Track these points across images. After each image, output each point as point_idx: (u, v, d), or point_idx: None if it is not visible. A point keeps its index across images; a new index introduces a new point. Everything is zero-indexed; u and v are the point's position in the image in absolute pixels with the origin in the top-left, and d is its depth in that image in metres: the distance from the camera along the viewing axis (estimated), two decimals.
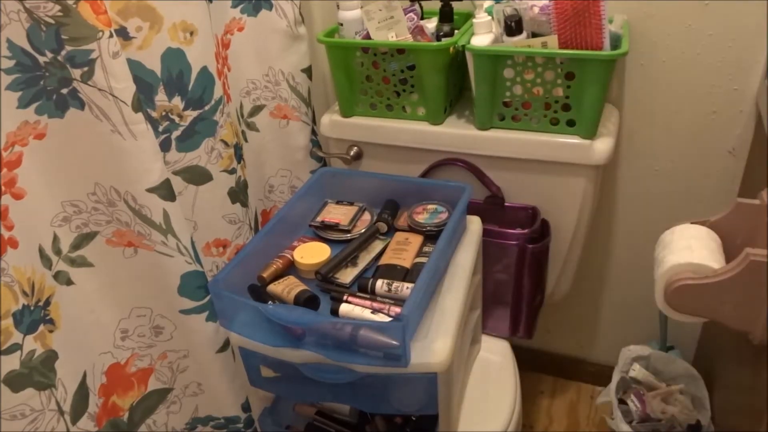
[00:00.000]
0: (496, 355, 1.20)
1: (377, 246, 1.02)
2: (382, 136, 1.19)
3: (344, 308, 0.87)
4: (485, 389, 1.12)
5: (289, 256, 0.99)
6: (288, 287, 0.93)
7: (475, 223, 1.07)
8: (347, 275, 0.96)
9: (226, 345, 1.04)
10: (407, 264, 0.96)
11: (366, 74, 1.14)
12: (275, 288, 0.94)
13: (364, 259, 0.99)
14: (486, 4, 1.08)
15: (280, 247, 1.02)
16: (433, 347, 0.84)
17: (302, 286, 0.93)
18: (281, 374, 0.92)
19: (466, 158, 1.15)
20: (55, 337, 0.85)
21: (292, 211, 1.05)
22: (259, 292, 0.94)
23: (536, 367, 1.67)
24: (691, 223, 0.83)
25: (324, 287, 0.94)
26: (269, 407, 1.06)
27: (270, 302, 0.91)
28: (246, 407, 1.13)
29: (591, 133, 1.05)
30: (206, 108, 0.96)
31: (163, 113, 0.92)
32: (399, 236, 1.03)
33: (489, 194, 1.18)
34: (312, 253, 0.98)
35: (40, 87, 0.79)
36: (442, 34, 1.14)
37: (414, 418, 1.02)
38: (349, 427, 1.04)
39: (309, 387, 0.90)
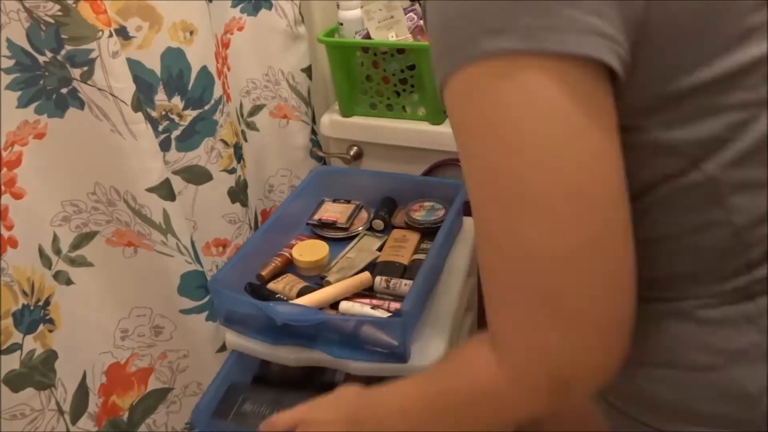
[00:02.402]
0: None
1: (375, 243, 1.02)
2: (382, 135, 1.19)
3: (344, 305, 0.87)
4: None
5: (287, 255, 0.99)
6: (289, 284, 0.93)
7: (470, 225, 1.07)
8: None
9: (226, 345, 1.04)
10: (405, 261, 0.96)
11: (366, 74, 1.14)
12: (275, 286, 0.94)
13: (363, 257, 0.99)
14: None
15: (278, 246, 1.02)
16: (427, 349, 0.83)
17: (303, 283, 0.93)
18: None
19: None
20: (54, 336, 0.85)
21: (289, 210, 1.05)
22: (258, 290, 0.94)
23: None
24: None
25: (323, 285, 0.94)
26: None
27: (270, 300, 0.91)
28: None
29: None
30: (206, 107, 0.96)
31: (163, 113, 0.92)
32: (396, 233, 1.03)
33: None
34: (310, 251, 0.98)
35: (40, 86, 0.79)
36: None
37: None
38: None
39: None
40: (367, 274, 0.92)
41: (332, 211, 1.09)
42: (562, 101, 0.38)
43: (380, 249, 1.00)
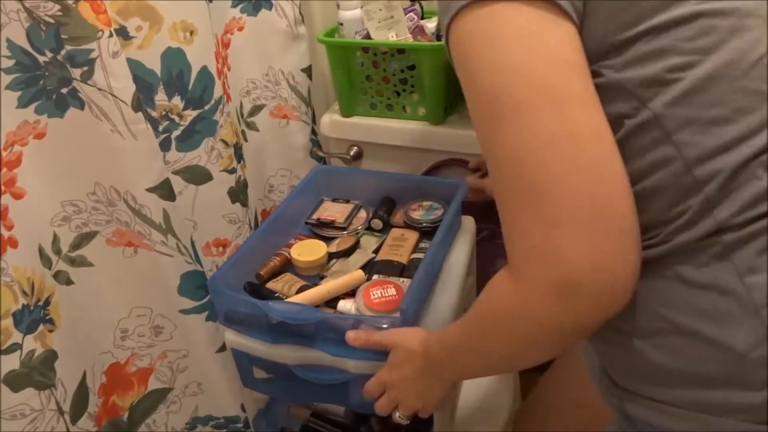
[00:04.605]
0: None
1: (373, 243, 1.02)
2: (383, 135, 1.19)
3: (342, 305, 0.87)
4: (484, 389, 1.12)
5: (286, 254, 0.99)
6: (288, 283, 0.93)
7: (468, 224, 1.07)
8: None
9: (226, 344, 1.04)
10: (404, 260, 0.96)
11: (366, 74, 1.14)
12: (274, 285, 0.94)
13: (361, 256, 0.99)
14: None
15: (277, 245, 1.02)
16: None
17: (302, 282, 0.93)
18: (274, 375, 0.92)
19: (466, 158, 1.15)
20: (54, 336, 0.85)
21: (288, 210, 1.05)
22: (257, 289, 0.94)
23: (536, 367, 1.66)
24: None
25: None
26: (263, 409, 1.06)
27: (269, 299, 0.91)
28: None
29: None
30: (206, 107, 0.96)
31: (163, 113, 0.92)
32: (395, 233, 1.03)
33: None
34: (309, 251, 0.98)
35: (40, 86, 0.79)
36: (442, 33, 1.14)
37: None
38: (343, 428, 1.03)
39: (302, 388, 0.89)
40: (360, 272, 0.92)
41: (331, 211, 1.09)
42: (531, 26, 0.49)
43: (379, 248, 1.00)
